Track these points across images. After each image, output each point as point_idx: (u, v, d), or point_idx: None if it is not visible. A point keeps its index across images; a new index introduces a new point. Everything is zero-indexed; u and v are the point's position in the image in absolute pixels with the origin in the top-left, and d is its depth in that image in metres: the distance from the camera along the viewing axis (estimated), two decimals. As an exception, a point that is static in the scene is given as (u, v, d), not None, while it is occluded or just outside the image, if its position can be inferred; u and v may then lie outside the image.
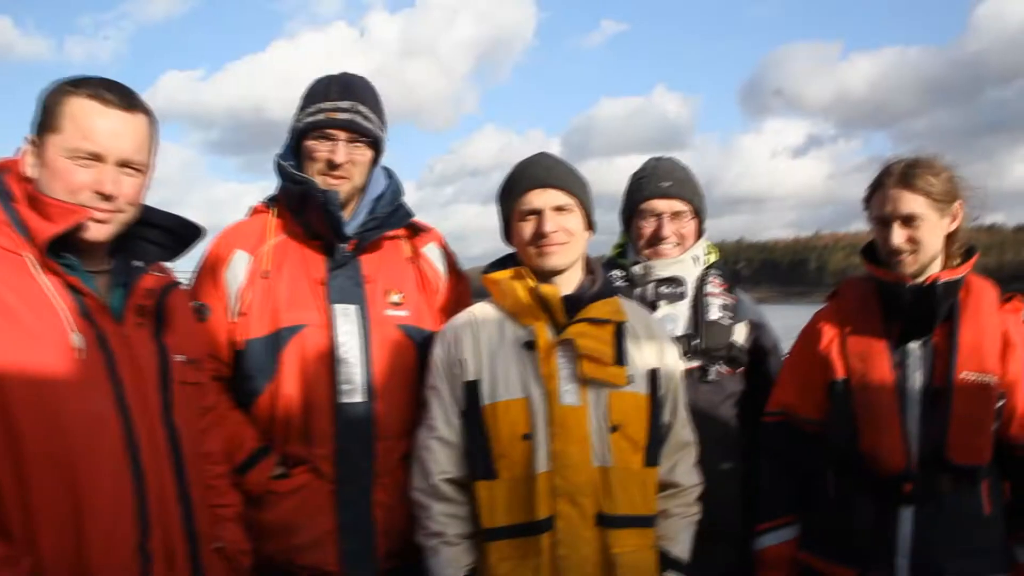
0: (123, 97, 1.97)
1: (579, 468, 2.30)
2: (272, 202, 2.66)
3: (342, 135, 2.54)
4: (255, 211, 2.69)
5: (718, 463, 2.73)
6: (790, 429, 2.72)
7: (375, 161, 2.65)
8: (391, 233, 2.68)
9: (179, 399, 2.06)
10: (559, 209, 2.40)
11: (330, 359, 2.48)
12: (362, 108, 2.55)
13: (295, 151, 2.60)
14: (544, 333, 2.36)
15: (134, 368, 1.97)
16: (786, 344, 2.93)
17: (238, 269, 2.54)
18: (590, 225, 2.50)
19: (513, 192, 2.46)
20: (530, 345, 2.37)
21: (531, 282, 2.40)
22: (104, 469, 1.87)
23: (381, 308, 2.58)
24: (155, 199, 2.12)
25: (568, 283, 2.44)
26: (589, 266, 2.53)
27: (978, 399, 2.41)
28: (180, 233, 2.19)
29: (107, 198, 1.94)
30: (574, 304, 2.40)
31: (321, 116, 2.53)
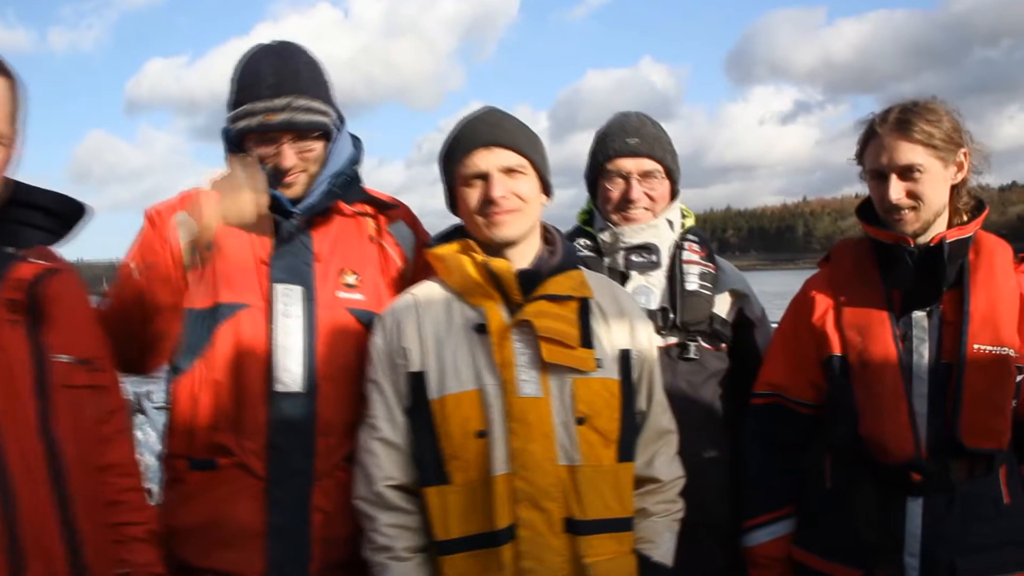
0: None
1: (542, 468, 2.02)
2: None
3: (285, 135, 2.28)
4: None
5: (701, 451, 2.48)
6: (781, 411, 2.45)
7: (331, 136, 2.38)
8: (352, 208, 2.43)
9: (61, 406, 1.78)
10: (509, 171, 2.11)
11: (267, 344, 2.25)
12: (299, 102, 2.26)
13: (238, 146, 2.33)
14: (496, 314, 2.08)
15: (2, 373, 1.68)
16: (777, 313, 2.64)
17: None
18: (546, 189, 2.21)
19: (455, 154, 2.16)
20: (481, 328, 2.08)
21: (480, 256, 2.11)
22: None
23: (332, 290, 2.33)
24: (143, 188, 1.82)
25: (523, 256, 2.15)
26: (548, 236, 2.24)
27: (994, 374, 2.14)
28: (62, 213, 1.89)
29: None
30: (531, 279, 2.11)
31: (255, 121, 2.25)
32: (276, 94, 2.23)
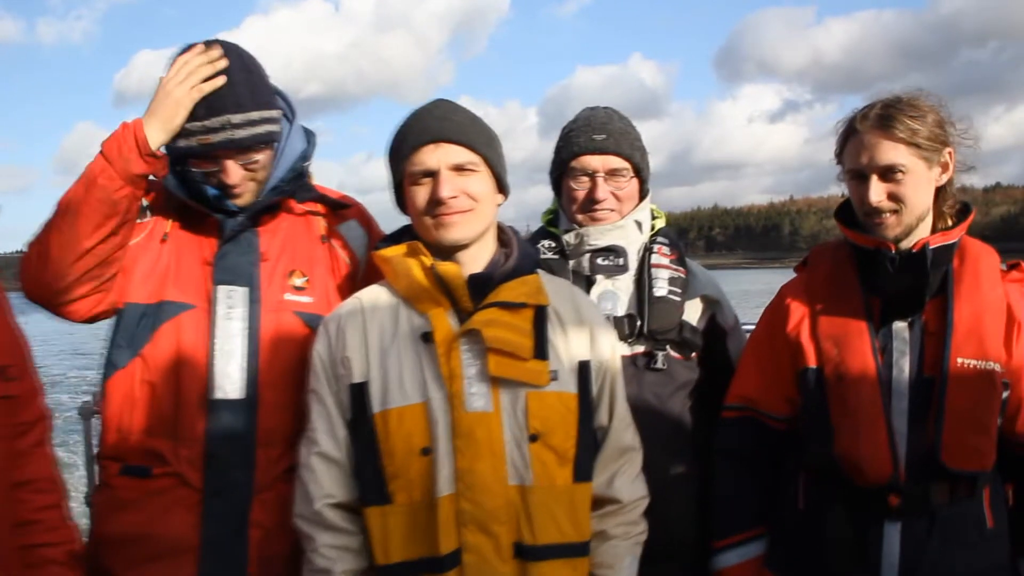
0: None
1: (491, 489, 1.87)
2: None
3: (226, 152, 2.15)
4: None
5: (668, 467, 2.34)
6: (753, 426, 2.31)
7: (277, 140, 2.26)
8: (303, 207, 2.32)
9: None
10: (459, 169, 1.96)
11: (207, 347, 2.13)
12: (236, 118, 2.11)
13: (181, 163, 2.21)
14: (444, 322, 1.93)
15: None
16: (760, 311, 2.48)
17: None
18: (502, 188, 2.05)
19: (402, 149, 2.00)
20: (428, 337, 1.93)
21: (427, 259, 1.95)
22: None
23: (278, 292, 2.22)
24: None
25: (475, 259, 2.00)
26: (503, 238, 2.08)
27: (978, 390, 2.00)
28: None
29: None
30: (483, 285, 1.96)
31: (193, 142, 2.12)
32: (210, 113, 2.10)
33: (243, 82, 2.15)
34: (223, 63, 2.10)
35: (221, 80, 2.09)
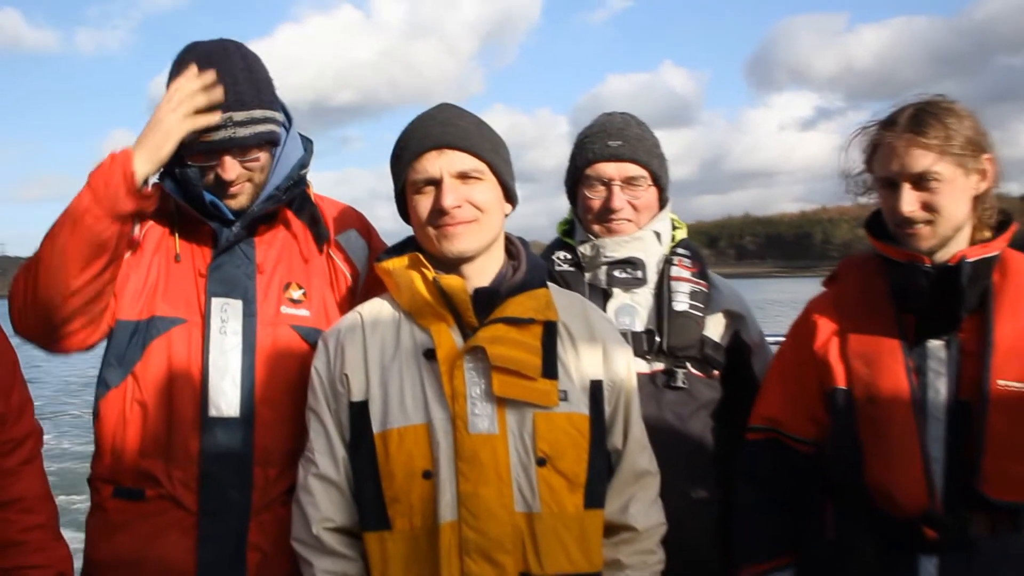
0: None
1: (495, 516, 1.77)
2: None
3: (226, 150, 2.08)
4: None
5: (688, 492, 2.24)
6: (779, 449, 2.18)
7: (278, 141, 2.18)
8: (300, 217, 2.24)
9: None
10: (463, 177, 1.86)
11: (202, 364, 2.06)
12: (238, 116, 2.04)
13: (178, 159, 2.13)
14: (447, 338, 1.83)
15: None
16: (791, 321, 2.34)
17: None
18: (509, 197, 1.96)
19: (404, 156, 1.91)
20: (431, 354, 1.83)
21: (430, 272, 1.85)
22: None
23: (274, 305, 2.14)
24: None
25: (482, 272, 1.90)
26: (511, 250, 1.98)
27: (1021, 415, 1.86)
28: None
29: None
30: (489, 300, 1.86)
31: (192, 137, 2.04)
32: (212, 110, 2.02)
33: (246, 80, 2.08)
34: (219, 93, 2.01)
35: (215, 117, 2.00)
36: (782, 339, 2.30)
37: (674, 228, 2.45)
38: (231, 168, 2.07)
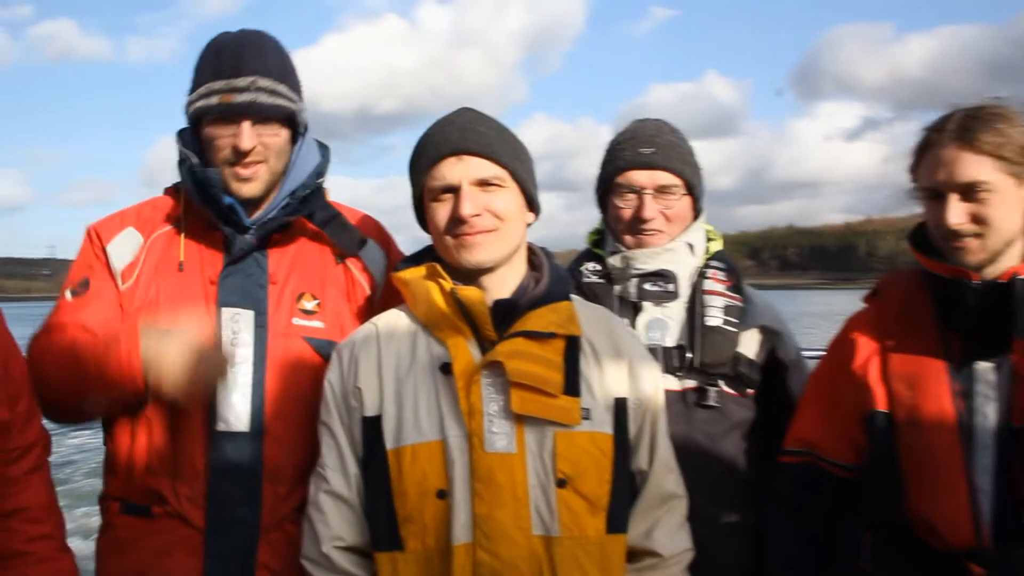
0: None
1: (511, 539, 1.69)
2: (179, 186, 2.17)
3: (246, 118, 2.02)
4: (164, 193, 2.22)
5: (718, 516, 2.14)
6: (815, 474, 2.07)
7: (295, 137, 2.13)
8: (315, 226, 2.17)
9: None
10: (483, 184, 1.78)
11: None
12: (263, 82, 2.01)
13: (196, 134, 2.10)
14: (464, 352, 1.76)
15: None
16: (813, 332, 2.24)
17: (124, 248, 2.10)
18: (531, 205, 1.88)
19: (421, 163, 1.84)
20: (447, 368, 1.75)
21: (447, 283, 1.78)
22: None
23: (287, 316, 2.08)
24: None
25: (502, 284, 1.83)
26: (534, 261, 1.90)
27: None
28: None
29: None
30: (508, 312, 1.79)
31: (214, 100, 2.00)
32: (238, 73, 2.00)
33: (275, 56, 2.07)
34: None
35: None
36: (822, 353, 2.20)
37: (709, 239, 2.35)
38: (248, 136, 2.00)
